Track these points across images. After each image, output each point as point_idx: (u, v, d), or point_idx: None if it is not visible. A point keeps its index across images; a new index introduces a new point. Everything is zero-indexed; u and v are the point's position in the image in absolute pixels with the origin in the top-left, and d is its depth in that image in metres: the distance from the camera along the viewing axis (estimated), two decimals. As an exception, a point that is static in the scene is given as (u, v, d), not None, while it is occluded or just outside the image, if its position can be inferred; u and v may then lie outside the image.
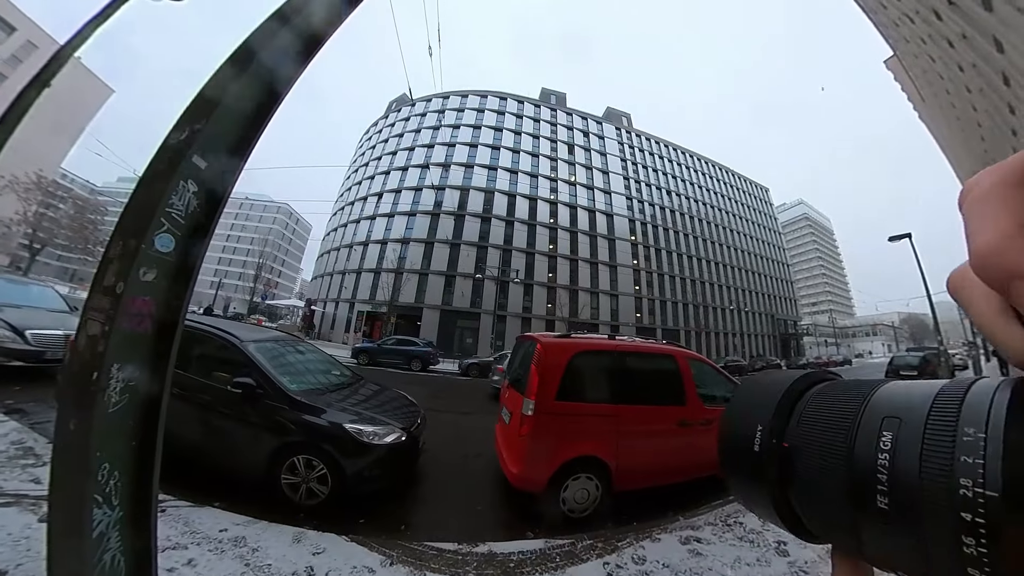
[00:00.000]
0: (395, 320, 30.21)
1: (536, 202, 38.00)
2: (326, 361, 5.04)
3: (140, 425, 2.04)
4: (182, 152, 2.17)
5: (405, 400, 4.77)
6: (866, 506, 0.19)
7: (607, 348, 3.89)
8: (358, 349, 17.37)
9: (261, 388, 3.55)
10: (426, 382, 13.40)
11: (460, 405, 9.11)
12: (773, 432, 0.24)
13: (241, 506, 3.09)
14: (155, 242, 2.11)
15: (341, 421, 3.46)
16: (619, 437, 3.50)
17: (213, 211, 2.48)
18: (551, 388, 3.40)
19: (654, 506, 3.76)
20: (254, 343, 4.05)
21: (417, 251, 34.07)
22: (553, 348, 3.59)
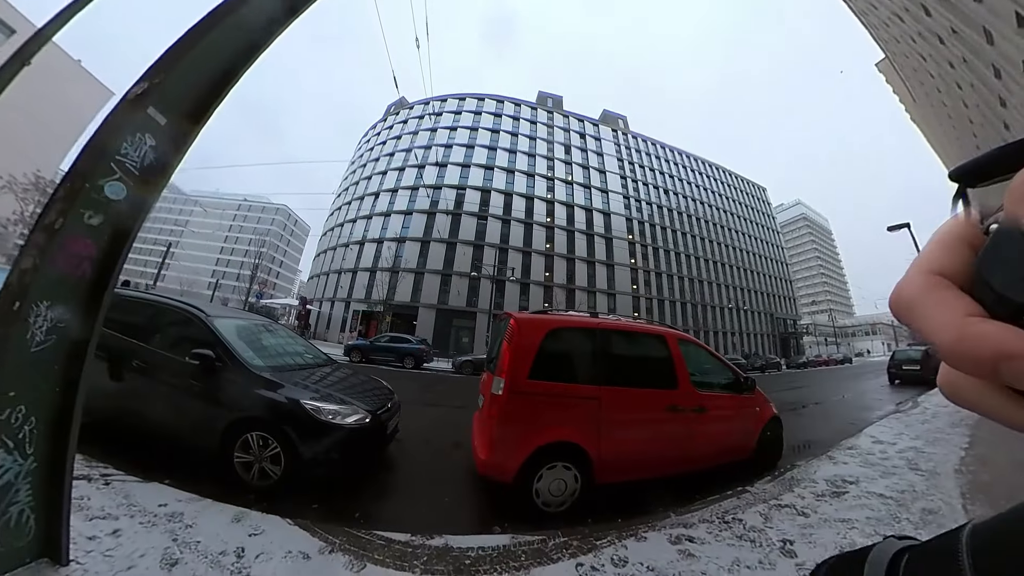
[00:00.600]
0: (390, 319, 30.06)
1: (533, 201, 37.94)
2: (300, 344, 4.93)
3: (64, 371, 1.91)
4: (141, 103, 2.08)
5: (378, 384, 4.63)
6: None
7: (588, 325, 3.60)
8: (351, 346, 17.22)
9: (221, 361, 3.46)
10: (418, 379, 13.25)
11: (449, 399, 8.93)
12: None
13: (192, 484, 2.98)
14: (105, 188, 2.00)
15: (299, 397, 3.33)
16: (601, 422, 3.21)
17: (168, 169, 2.37)
18: (524, 366, 3.13)
19: (642, 501, 3.42)
20: (221, 318, 3.97)
21: (413, 250, 33.97)
22: (527, 324, 3.35)
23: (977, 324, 0.18)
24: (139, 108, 1.93)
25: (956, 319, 0.19)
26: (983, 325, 0.18)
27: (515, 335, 3.22)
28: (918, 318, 0.20)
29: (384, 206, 37.55)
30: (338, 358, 17.01)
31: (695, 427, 3.69)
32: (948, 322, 0.19)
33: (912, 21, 21.43)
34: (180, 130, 2.17)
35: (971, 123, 24.34)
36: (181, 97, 2.08)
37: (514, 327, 3.27)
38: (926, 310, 0.20)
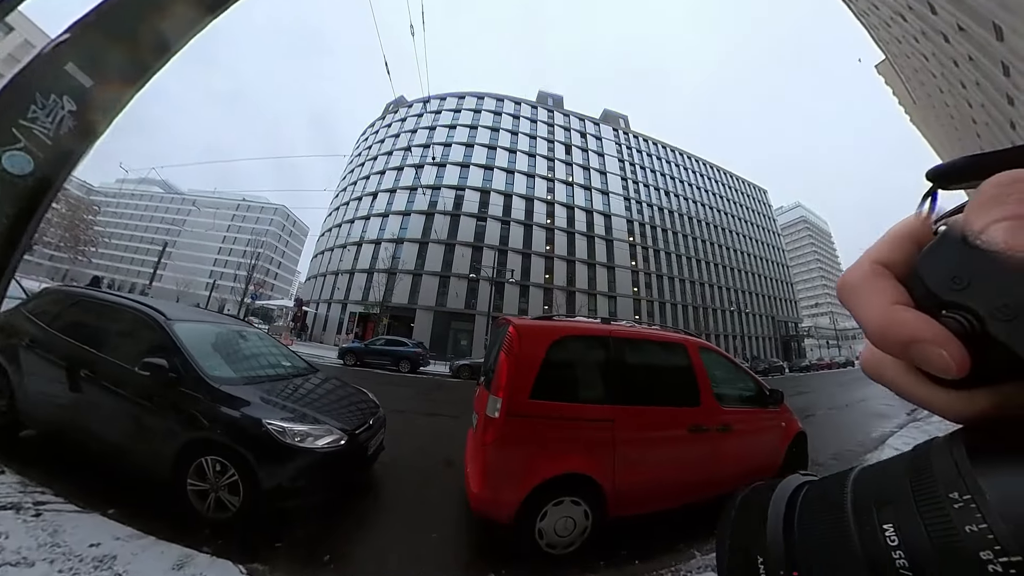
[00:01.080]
0: (387, 321, 29.58)
1: (533, 202, 37.52)
2: (278, 351, 4.47)
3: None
4: (59, 57, 1.61)
5: (361, 397, 4.17)
6: None
7: (600, 334, 3.09)
8: (345, 349, 16.75)
9: (175, 372, 3.01)
10: (414, 384, 12.80)
11: (445, 407, 8.41)
12: (775, 562, 0.23)
13: (140, 515, 2.61)
14: (2, 159, 1.53)
15: (261, 416, 2.86)
16: (617, 448, 2.74)
17: (91, 139, 1.90)
18: (525, 383, 2.65)
19: (661, 537, 3.03)
20: (183, 322, 3.53)
21: (411, 251, 33.50)
22: (529, 332, 2.85)
23: (901, 311, 0.20)
24: (56, 63, 1.48)
25: (885, 305, 0.21)
26: (905, 313, 0.20)
27: (515, 346, 2.72)
28: (855, 301, 0.22)
29: (382, 206, 37.11)
30: (332, 361, 16.76)
31: (719, 448, 3.23)
32: (878, 306, 0.21)
33: (915, 20, 21.08)
34: (109, 94, 1.72)
35: (974, 123, 24.01)
36: (112, 54, 1.63)
37: (513, 336, 2.77)
38: (862, 294, 0.22)
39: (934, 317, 0.19)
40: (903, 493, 0.19)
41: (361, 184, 41.02)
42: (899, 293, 0.21)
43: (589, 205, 40.23)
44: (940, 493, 0.17)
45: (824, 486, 0.24)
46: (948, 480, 0.17)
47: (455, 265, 32.71)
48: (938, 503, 0.17)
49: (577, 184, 41.05)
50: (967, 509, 0.16)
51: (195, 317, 3.92)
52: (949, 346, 0.18)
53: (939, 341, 0.19)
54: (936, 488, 0.18)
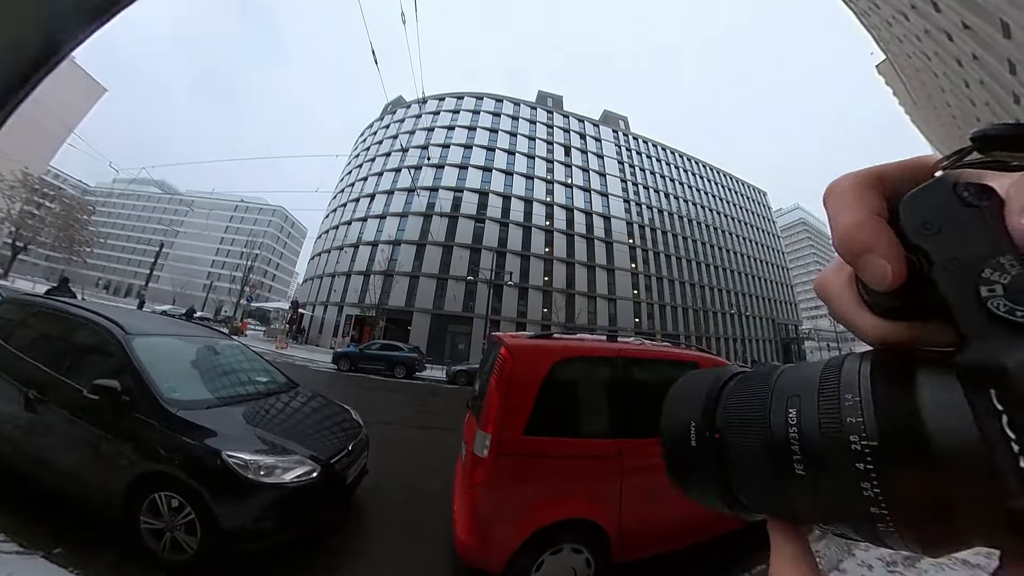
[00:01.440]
0: (384, 324, 29.20)
1: (532, 204, 37.22)
2: (253, 365, 4.14)
3: None
4: None
5: (343, 417, 3.83)
6: (789, 476, 0.22)
7: (607, 353, 2.71)
8: (339, 354, 16.41)
9: (130, 395, 2.69)
10: (408, 390, 12.46)
11: (439, 419, 7.93)
12: (704, 426, 0.27)
13: (90, 555, 2.38)
14: None
15: (220, 447, 2.54)
16: (624, 487, 2.43)
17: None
18: (518, 416, 2.30)
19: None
20: (144, 337, 3.19)
21: (408, 253, 33.16)
22: (525, 355, 2.46)
23: (873, 220, 0.21)
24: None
25: (864, 213, 0.21)
26: (876, 223, 0.21)
27: (507, 371, 2.34)
28: (837, 205, 0.22)
29: (380, 208, 36.78)
30: (327, 366, 16.41)
31: None
32: (856, 212, 0.21)
33: (918, 18, 20.85)
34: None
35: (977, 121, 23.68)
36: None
37: (506, 359, 2.38)
38: (846, 199, 0.22)
39: (900, 240, 0.20)
40: (811, 388, 0.22)
41: (359, 186, 40.70)
42: (881, 207, 0.22)
43: (588, 207, 39.94)
44: (839, 392, 0.21)
45: (754, 376, 0.27)
46: (848, 383, 0.21)
47: (453, 267, 32.38)
48: (834, 399, 0.21)
49: (576, 186, 40.77)
50: (854, 406, 0.20)
51: (159, 330, 3.58)
52: (894, 261, 0.20)
53: (888, 255, 0.20)
54: (837, 388, 0.21)
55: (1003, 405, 0.15)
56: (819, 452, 0.21)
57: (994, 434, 0.15)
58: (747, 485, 0.26)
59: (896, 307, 0.21)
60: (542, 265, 35.18)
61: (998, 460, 0.15)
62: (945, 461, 0.17)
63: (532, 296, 33.66)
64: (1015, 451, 0.14)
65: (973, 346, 0.17)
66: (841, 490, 0.20)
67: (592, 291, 36.31)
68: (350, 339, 28.74)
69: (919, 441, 0.18)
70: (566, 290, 34.94)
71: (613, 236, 39.75)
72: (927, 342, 0.21)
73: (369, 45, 9.14)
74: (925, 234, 0.20)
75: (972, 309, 0.17)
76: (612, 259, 38.60)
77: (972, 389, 0.16)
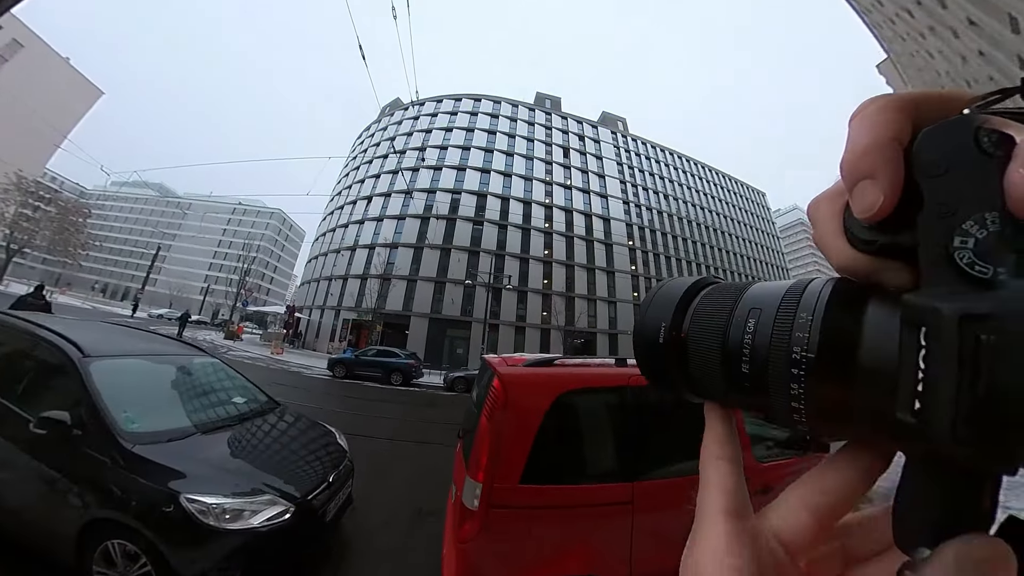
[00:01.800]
0: (381, 329, 28.85)
1: (530, 206, 36.94)
2: (232, 384, 3.85)
3: None
4: None
5: (327, 441, 3.53)
6: (735, 371, 0.25)
7: (615, 382, 2.31)
8: (334, 360, 16.08)
9: (82, 428, 2.40)
10: (405, 399, 12.15)
11: (436, 433, 7.40)
12: (673, 327, 0.30)
13: None
14: None
15: (180, 489, 2.25)
16: (635, 537, 2.12)
17: None
18: (514, 462, 1.94)
19: None
20: (105, 359, 2.89)
21: (406, 256, 32.84)
22: (522, 387, 2.10)
23: (886, 147, 0.20)
24: None
25: (881, 136, 0.20)
26: (888, 150, 0.20)
27: (500, 406, 1.98)
28: (860, 126, 0.21)
29: (377, 211, 36.48)
30: (322, 372, 16.09)
31: None
32: (876, 133, 0.20)
33: (923, 15, 20.60)
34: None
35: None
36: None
37: (498, 394, 2.01)
38: (876, 119, 0.21)
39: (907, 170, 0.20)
40: (773, 304, 0.24)
41: (356, 188, 40.42)
42: (905, 134, 0.20)
43: (588, 209, 39.68)
44: (795, 310, 0.23)
45: (725, 288, 0.30)
46: (807, 304, 0.22)
47: (451, 271, 32.06)
48: (790, 315, 0.23)
49: (575, 187, 40.51)
50: (804, 323, 0.22)
51: (124, 350, 3.26)
52: (888, 195, 0.19)
53: (886, 187, 0.19)
54: (796, 307, 0.23)
55: (926, 342, 0.17)
56: (764, 357, 0.23)
57: (909, 363, 0.17)
58: (700, 376, 0.28)
59: (872, 242, 0.21)
60: (541, 268, 34.89)
61: (902, 383, 0.17)
62: (862, 376, 0.20)
63: (531, 299, 33.36)
64: (918, 378, 0.17)
65: (925, 290, 0.18)
66: (774, 387, 0.23)
67: (592, 294, 36.01)
68: (347, 344, 28.40)
69: (847, 359, 0.20)
70: (566, 293, 34.63)
71: (613, 238, 39.48)
72: (889, 280, 0.21)
73: (356, 39, 8.81)
74: (929, 173, 0.19)
75: (938, 257, 0.18)
76: (612, 261, 38.33)
77: (908, 324, 0.18)
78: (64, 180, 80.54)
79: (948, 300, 0.17)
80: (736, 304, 0.27)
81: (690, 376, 0.29)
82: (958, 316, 0.16)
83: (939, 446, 0.16)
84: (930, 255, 0.19)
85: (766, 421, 0.26)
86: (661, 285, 0.34)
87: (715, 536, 0.24)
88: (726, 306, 0.27)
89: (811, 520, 0.24)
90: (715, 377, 0.27)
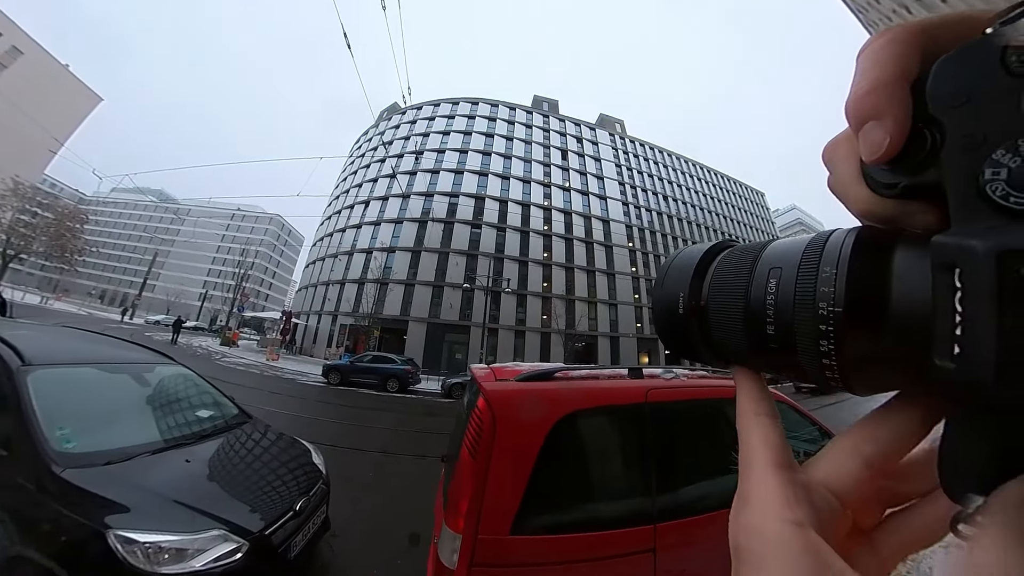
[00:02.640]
0: (378, 334, 28.46)
1: (529, 208, 36.65)
2: (199, 396, 3.49)
3: None
4: None
5: (301, 461, 3.16)
6: (760, 334, 0.24)
7: (630, 399, 1.87)
8: (329, 367, 15.71)
9: (7, 448, 2.11)
10: (402, 406, 11.76)
11: (432, 444, 6.77)
12: (691, 296, 0.30)
13: None
14: None
15: (112, 525, 1.90)
16: None
17: None
18: (503, 505, 1.54)
19: None
20: (49, 368, 2.57)
21: (403, 260, 32.50)
22: (512, 406, 1.66)
23: (890, 86, 0.19)
24: None
25: (886, 74, 0.19)
26: (891, 89, 0.19)
27: (486, 433, 1.56)
28: (867, 61, 0.20)
29: (374, 214, 36.21)
30: (317, 379, 15.70)
31: None
32: (881, 70, 0.19)
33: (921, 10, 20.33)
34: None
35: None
36: None
37: (484, 417, 1.59)
38: (882, 55, 0.19)
39: (913, 100, 0.19)
40: (793, 261, 0.23)
41: (354, 192, 40.20)
42: (914, 68, 0.19)
43: (587, 211, 39.41)
44: (818, 265, 0.22)
45: (742, 250, 0.29)
46: (829, 257, 0.21)
47: (449, 274, 31.71)
48: (813, 270, 0.22)
49: (574, 189, 40.26)
50: (829, 277, 0.21)
51: (75, 358, 2.93)
52: (894, 134, 0.18)
53: (892, 126, 0.18)
54: (818, 261, 0.22)
55: (962, 283, 0.16)
56: (789, 316, 0.22)
57: (945, 307, 0.16)
58: (723, 342, 0.28)
59: (893, 185, 0.20)
60: (541, 270, 34.54)
61: (939, 328, 0.16)
62: (895, 326, 0.19)
63: (531, 302, 32.99)
64: (955, 321, 0.16)
65: (956, 229, 0.17)
66: (802, 346, 0.22)
67: (592, 296, 35.63)
68: (344, 350, 28.00)
69: (877, 309, 0.19)
70: (566, 295, 34.26)
71: (612, 240, 39.16)
72: (915, 224, 0.20)
73: (342, 33, 8.43)
74: (949, 104, 0.18)
75: (967, 192, 0.17)
76: (612, 263, 37.99)
77: (940, 267, 0.17)
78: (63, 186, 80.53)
79: (983, 237, 0.16)
80: (755, 265, 0.26)
81: (714, 343, 0.29)
82: (996, 252, 0.15)
83: (983, 390, 0.15)
84: (958, 191, 0.17)
85: (798, 381, 0.26)
86: (676, 254, 0.33)
87: (768, 491, 0.22)
88: (744, 268, 0.27)
89: (862, 468, 0.23)
90: (740, 342, 0.26)
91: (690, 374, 2.26)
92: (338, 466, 5.20)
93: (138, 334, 19.15)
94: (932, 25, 0.19)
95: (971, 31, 0.18)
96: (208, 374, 4.11)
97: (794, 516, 0.21)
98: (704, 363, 0.31)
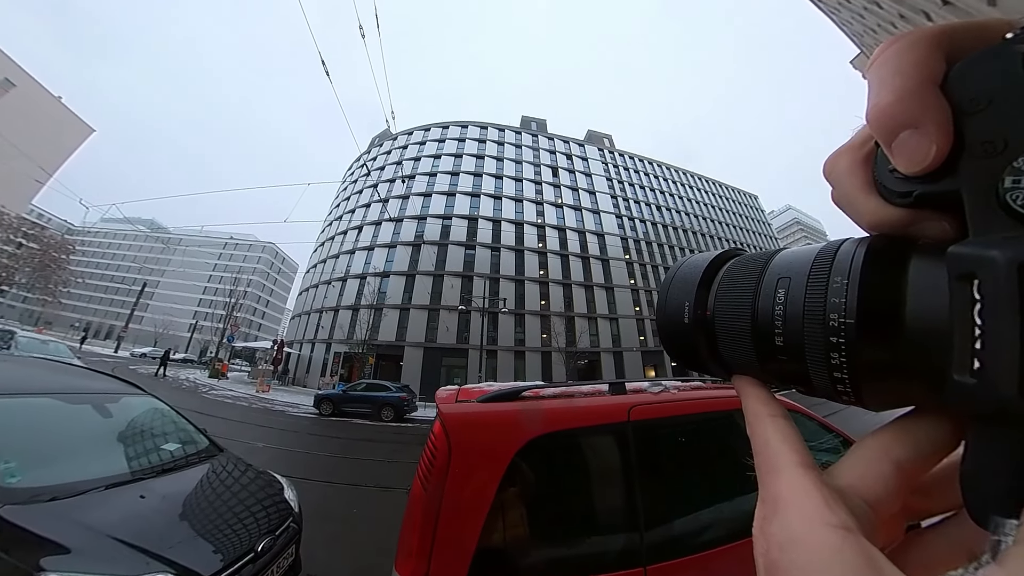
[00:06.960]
0: (373, 361, 27.75)
1: (523, 227, 36.66)
2: (162, 428, 3.12)
3: None
4: None
5: (271, 500, 2.74)
6: (768, 345, 0.24)
7: (610, 417, 1.59)
8: (320, 397, 14.99)
9: None
10: (396, 437, 11.11)
11: None
12: (697, 306, 0.29)
13: None
14: None
15: (46, 566, 1.56)
16: None
17: None
18: (459, 545, 1.28)
19: None
20: None
21: (398, 284, 32.09)
22: (471, 430, 1.45)
23: (925, 91, 0.18)
24: None
25: (916, 80, 0.18)
26: (927, 94, 0.18)
27: (439, 463, 1.34)
28: (888, 65, 0.19)
29: (367, 240, 36.05)
30: (308, 411, 15.05)
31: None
32: (910, 76, 0.18)
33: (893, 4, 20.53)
34: None
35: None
36: None
37: (439, 442, 1.37)
38: (905, 60, 0.18)
39: (946, 101, 0.18)
40: (803, 271, 0.23)
41: (347, 219, 40.14)
42: (938, 70, 0.18)
43: (581, 226, 39.50)
44: (828, 275, 0.21)
45: (750, 259, 0.28)
46: (840, 267, 0.21)
47: (444, 297, 31.27)
48: (823, 281, 0.21)
49: (567, 205, 40.44)
50: (840, 288, 0.20)
51: (27, 388, 2.63)
52: (942, 141, 0.17)
53: (937, 133, 0.17)
54: (828, 271, 0.21)
55: (981, 295, 0.15)
56: (798, 328, 0.22)
57: (964, 320, 0.16)
58: (730, 353, 0.27)
59: (908, 193, 0.19)
60: (538, 288, 34.25)
61: (958, 341, 0.16)
62: (910, 339, 0.18)
63: (529, 321, 32.53)
64: (975, 335, 0.15)
65: (974, 239, 0.17)
66: (811, 358, 0.21)
67: (592, 311, 35.26)
68: (338, 378, 27.19)
69: (891, 322, 0.19)
70: (564, 312, 33.83)
71: (609, 253, 39.08)
72: (929, 233, 0.20)
73: (319, 58, 8.38)
74: (968, 111, 0.17)
75: (986, 201, 0.17)
76: (610, 277, 37.81)
77: (958, 278, 0.16)
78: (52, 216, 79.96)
79: (1003, 247, 0.15)
80: (763, 275, 0.25)
81: (720, 354, 0.28)
82: (1017, 263, 0.14)
83: (1007, 405, 0.15)
84: (977, 200, 0.17)
85: (807, 394, 0.24)
86: (681, 263, 0.33)
87: (803, 494, 0.20)
88: (752, 278, 0.26)
89: (894, 473, 0.21)
90: (747, 353, 0.26)
91: (681, 386, 1.96)
92: (323, 501, 4.76)
93: (121, 368, 18.38)
94: (951, 30, 0.19)
95: (988, 37, 0.18)
96: (192, 408, 3.73)
97: (839, 520, 0.18)
98: (711, 375, 0.30)
